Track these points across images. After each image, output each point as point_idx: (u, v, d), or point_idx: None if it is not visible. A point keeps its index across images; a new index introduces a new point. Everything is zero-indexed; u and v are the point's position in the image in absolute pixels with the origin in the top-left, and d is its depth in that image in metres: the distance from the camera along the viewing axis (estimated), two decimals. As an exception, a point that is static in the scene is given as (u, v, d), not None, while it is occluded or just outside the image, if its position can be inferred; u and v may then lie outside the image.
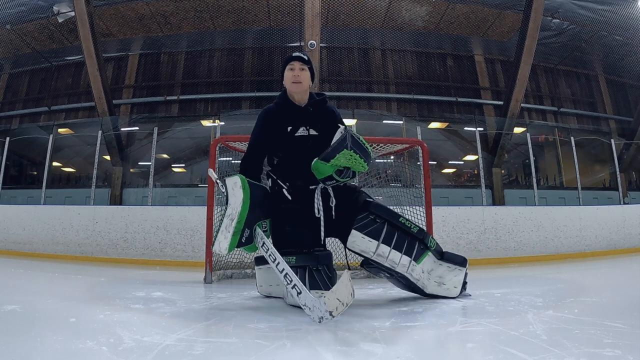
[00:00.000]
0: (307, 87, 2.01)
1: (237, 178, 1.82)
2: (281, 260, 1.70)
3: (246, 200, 1.77)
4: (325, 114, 2.04)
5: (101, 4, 7.66)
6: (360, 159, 1.80)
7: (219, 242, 1.77)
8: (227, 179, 1.86)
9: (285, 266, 1.67)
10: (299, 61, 2.00)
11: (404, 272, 1.87)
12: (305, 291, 1.58)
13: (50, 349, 1.11)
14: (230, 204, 1.81)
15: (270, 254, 1.74)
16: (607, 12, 7.71)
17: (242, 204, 1.76)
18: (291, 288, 1.62)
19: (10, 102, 9.12)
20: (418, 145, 3.68)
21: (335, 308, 1.49)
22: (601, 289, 2.59)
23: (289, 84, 2.00)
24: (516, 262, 5.04)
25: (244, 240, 1.76)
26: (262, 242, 1.78)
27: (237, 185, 1.81)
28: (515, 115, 7.35)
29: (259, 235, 1.80)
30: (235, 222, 1.74)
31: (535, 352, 1.05)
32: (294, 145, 1.97)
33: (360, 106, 8.61)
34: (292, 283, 1.63)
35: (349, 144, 1.78)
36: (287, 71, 2.01)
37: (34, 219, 5.50)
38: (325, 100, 2.08)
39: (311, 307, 1.53)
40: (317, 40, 6.61)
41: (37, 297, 2.12)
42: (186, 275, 3.70)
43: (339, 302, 1.51)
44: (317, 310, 1.50)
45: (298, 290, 1.60)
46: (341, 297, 1.52)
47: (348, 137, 1.80)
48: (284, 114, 2.01)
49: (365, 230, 1.81)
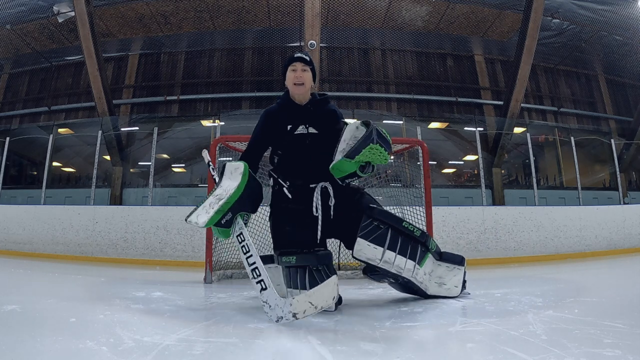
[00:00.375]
0: (308, 87, 2.02)
1: (241, 164, 1.83)
2: (254, 254, 1.68)
3: (241, 187, 1.77)
4: (325, 113, 2.04)
5: (101, 4, 7.66)
6: (384, 151, 1.76)
7: (197, 214, 1.75)
8: (229, 163, 1.87)
9: (257, 260, 1.66)
10: (301, 62, 2.00)
11: (409, 276, 1.87)
12: (271, 289, 1.58)
13: (50, 349, 1.11)
14: (222, 185, 1.81)
15: (244, 245, 1.71)
16: (607, 12, 7.71)
17: (236, 188, 1.76)
18: (256, 283, 1.62)
19: (10, 102, 9.12)
20: (418, 145, 3.68)
21: (303, 311, 1.48)
22: (601, 289, 2.59)
23: (290, 85, 2.00)
24: (516, 262, 5.03)
25: (223, 222, 1.73)
26: (240, 232, 1.75)
27: (238, 170, 1.81)
28: (515, 115, 7.34)
29: (238, 224, 1.77)
30: (222, 202, 1.73)
31: (535, 352, 1.05)
32: (293, 143, 1.97)
33: (360, 106, 8.61)
34: (258, 278, 1.62)
35: (374, 138, 1.74)
36: (289, 72, 2.00)
37: (34, 219, 5.50)
38: (327, 100, 2.07)
39: (272, 305, 1.54)
40: (317, 40, 6.61)
41: (37, 297, 2.12)
42: (186, 275, 3.70)
43: (311, 305, 1.49)
44: (278, 310, 1.51)
45: (263, 287, 1.59)
46: (316, 300, 1.50)
47: (374, 131, 1.77)
48: (285, 113, 2.02)
49: (371, 238, 1.80)
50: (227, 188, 1.78)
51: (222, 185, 1.82)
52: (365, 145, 1.72)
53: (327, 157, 1.84)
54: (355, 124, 1.84)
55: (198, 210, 1.76)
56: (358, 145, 1.73)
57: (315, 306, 1.50)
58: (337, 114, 2.06)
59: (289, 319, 1.48)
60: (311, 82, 2.03)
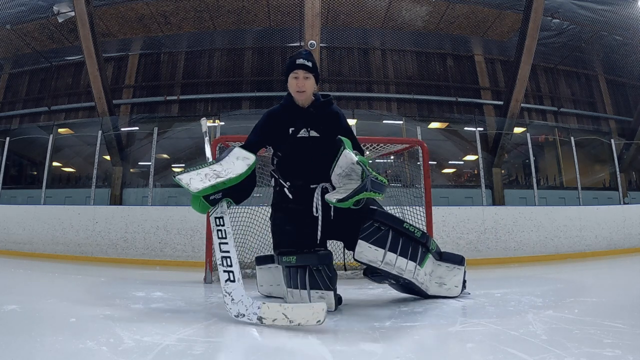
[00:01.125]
0: (310, 93, 2.02)
1: (253, 156, 1.83)
2: (230, 242, 1.67)
3: (243, 176, 1.76)
4: (327, 116, 2.03)
5: (101, 4, 7.66)
6: (377, 195, 1.76)
7: (190, 177, 1.70)
8: (239, 149, 1.86)
9: (232, 250, 1.65)
10: (303, 69, 1.98)
11: (410, 277, 1.87)
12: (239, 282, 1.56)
13: (50, 349, 1.11)
14: (223, 164, 1.79)
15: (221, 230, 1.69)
16: (607, 12, 7.71)
17: (239, 175, 1.75)
18: (223, 271, 1.60)
19: (10, 102, 9.12)
20: (418, 145, 3.68)
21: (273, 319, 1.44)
22: (601, 289, 2.59)
23: (293, 92, 2.00)
24: (516, 262, 5.03)
25: (211, 198, 1.72)
26: (221, 215, 1.73)
27: (247, 160, 1.81)
28: (515, 115, 7.34)
29: (222, 207, 1.75)
30: (221, 179, 1.70)
31: (535, 352, 1.05)
32: (294, 146, 1.97)
33: (360, 106, 8.61)
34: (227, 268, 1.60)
35: (369, 188, 1.71)
36: (291, 78, 1.99)
37: (34, 219, 5.50)
38: (329, 102, 2.07)
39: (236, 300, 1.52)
40: (317, 40, 6.61)
41: (37, 297, 2.12)
42: (186, 275, 3.70)
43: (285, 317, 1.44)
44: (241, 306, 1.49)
45: (231, 278, 1.57)
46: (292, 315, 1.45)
47: (368, 183, 1.72)
48: (287, 115, 2.02)
49: (372, 240, 1.80)
50: (228, 169, 1.76)
51: (222, 164, 1.80)
52: (359, 193, 1.70)
53: (328, 159, 1.84)
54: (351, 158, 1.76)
55: (191, 174, 1.72)
56: (352, 193, 1.70)
57: (289, 320, 1.44)
58: (339, 116, 2.06)
59: (252, 320, 1.46)
60: (313, 88, 2.03)
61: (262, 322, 1.46)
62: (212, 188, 1.68)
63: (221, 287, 1.60)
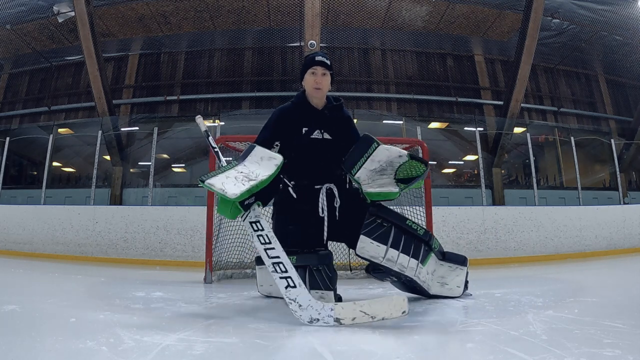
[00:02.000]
0: (326, 92, 2.04)
1: (279, 157, 1.76)
2: (277, 246, 1.59)
3: (271, 178, 1.68)
4: (340, 120, 2.07)
5: (101, 4, 7.66)
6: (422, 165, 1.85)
7: (222, 181, 1.58)
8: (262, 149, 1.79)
9: (282, 254, 1.58)
10: (322, 66, 2.00)
11: (412, 275, 1.86)
12: (301, 287, 1.50)
13: (50, 349, 1.11)
14: (247, 165, 1.70)
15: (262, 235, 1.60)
16: (607, 12, 7.71)
17: (268, 177, 1.66)
18: (280, 278, 1.51)
19: (10, 102, 9.12)
20: (418, 145, 3.69)
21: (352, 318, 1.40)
22: (601, 289, 2.59)
23: (310, 88, 2.01)
24: (516, 262, 5.03)
25: (246, 203, 1.63)
26: (257, 219, 1.63)
27: (274, 161, 1.73)
28: (515, 115, 7.34)
29: (255, 211, 1.66)
30: (254, 182, 1.61)
31: (535, 352, 1.05)
32: (307, 147, 1.98)
33: (360, 106, 8.62)
34: (284, 274, 1.51)
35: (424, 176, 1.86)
36: (309, 75, 2.00)
37: (34, 219, 5.50)
38: (341, 106, 2.10)
39: (304, 305, 1.45)
40: (317, 40, 6.61)
41: (37, 297, 2.12)
42: (186, 275, 3.70)
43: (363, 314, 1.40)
44: (313, 311, 1.43)
45: (291, 284, 1.50)
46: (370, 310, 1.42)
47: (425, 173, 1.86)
48: (301, 114, 2.02)
49: (374, 235, 1.79)
50: (256, 171, 1.67)
51: (246, 165, 1.70)
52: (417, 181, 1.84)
53: (336, 162, 1.91)
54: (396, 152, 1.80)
55: (221, 178, 1.59)
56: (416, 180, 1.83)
57: (371, 316, 1.41)
58: (350, 120, 2.11)
59: (330, 323, 1.39)
60: (329, 87, 2.05)
61: (341, 323, 1.40)
62: (248, 192, 1.58)
63: (283, 296, 1.51)
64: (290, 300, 1.48)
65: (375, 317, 1.43)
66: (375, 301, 1.48)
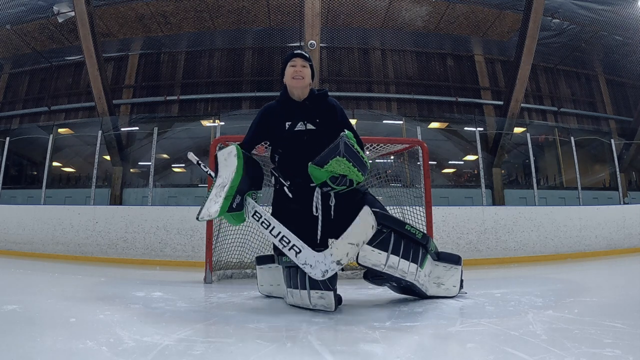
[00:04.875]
0: (307, 82, 2.02)
1: (233, 147, 1.84)
2: (276, 224, 1.69)
3: (239, 168, 1.77)
4: (324, 108, 2.02)
5: (101, 4, 7.67)
6: (353, 167, 1.74)
7: (207, 208, 1.74)
8: (220, 152, 1.88)
9: (282, 228, 1.68)
10: (301, 58, 2.02)
11: (412, 280, 1.85)
12: (306, 249, 1.58)
13: (50, 349, 1.11)
14: (221, 174, 1.81)
15: (263, 221, 1.72)
16: (607, 12, 7.71)
17: (236, 171, 1.76)
18: (289, 250, 1.62)
19: (10, 102, 9.12)
20: (418, 145, 3.68)
21: (346, 254, 1.49)
22: (601, 289, 2.59)
23: (289, 79, 2.00)
24: (516, 262, 5.03)
25: (234, 206, 1.74)
26: (254, 210, 1.76)
27: (231, 154, 1.81)
28: (515, 115, 7.35)
29: (250, 204, 1.78)
30: (227, 187, 1.73)
31: (535, 352, 1.05)
32: (292, 140, 1.97)
33: (360, 106, 8.62)
34: (290, 244, 1.62)
35: (341, 151, 1.73)
36: (288, 68, 2.02)
37: (34, 219, 5.50)
38: (325, 94, 2.06)
39: (313, 264, 1.53)
40: (317, 40, 6.61)
41: (37, 297, 2.12)
42: (186, 275, 3.70)
43: (352, 245, 1.49)
44: (321, 265, 1.51)
45: (297, 250, 1.59)
46: (354, 238, 1.50)
47: (341, 144, 1.75)
48: (283, 110, 2.02)
49: (374, 243, 1.76)
50: (226, 175, 1.78)
51: (221, 174, 1.82)
52: (332, 156, 1.72)
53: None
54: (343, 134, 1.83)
55: (206, 204, 1.76)
56: (324, 155, 1.74)
57: (355, 244, 1.50)
58: (336, 108, 2.04)
59: (334, 268, 1.48)
60: (310, 79, 2.04)
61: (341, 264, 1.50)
62: (226, 200, 1.72)
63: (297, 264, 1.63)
64: (303, 264, 1.59)
65: (359, 244, 1.53)
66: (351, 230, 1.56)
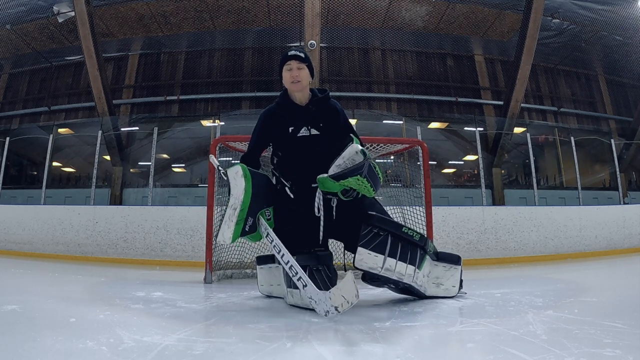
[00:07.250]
0: (306, 84, 2.00)
1: (239, 167, 1.82)
2: (286, 252, 1.70)
3: (248, 189, 1.77)
4: (327, 112, 2.01)
5: (101, 4, 7.67)
6: (370, 187, 1.78)
7: (222, 232, 1.77)
8: (229, 169, 1.86)
9: (290, 258, 1.68)
10: (296, 60, 1.97)
11: (410, 281, 1.85)
12: (310, 284, 1.58)
13: (50, 349, 1.11)
14: (233, 193, 1.81)
15: (275, 245, 1.74)
16: (607, 12, 7.71)
17: (244, 192, 1.76)
18: (297, 280, 1.62)
19: (10, 102, 9.12)
20: (418, 145, 3.68)
21: (341, 304, 1.49)
22: (601, 289, 2.59)
23: (288, 84, 1.98)
24: (516, 262, 5.03)
25: (247, 229, 1.76)
26: (267, 232, 1.79)
27: (238, 174, 1.81)
28: (515, 115, 7.35)
29: (262, 225, 1.81)
30: (238, 211, 1.74)
31: (535, 352, 1.05)
32: (295, 146, 1.96)
33: (360, 106, 8.62)
34: (297, 275, 1.63)
35: (364, 172, 1.76)
36: (285, 71, 1.98)
37: (34, 219, 5.50)
38: (327, 97, 2.04)
39: (317, 300, 1.53)
40: (317, 40, 6.61)
41: (37, 297, 2.12)
42: (186, 275, 3.70)
43: (344, 299, 1.50)
44: (323, 305, 1.50)
45: (304, 283, 1.59)
46: (346, 295, 1.51)
47: (365, 165, 1.78)
48: (285, 114, 2.00)
49: (371, 246, 1.78)
50: (236, 195, 1.79)
51: (232, 194, 1.81)
52: (353, 175, 1.75)
53: (328, 157, 1.85)
54: (358, 147, 1.85)
55: (222, 228, 1.78)
56: (346, 173, 1.76)
57: (347, 300, 1.50)
58: (338, 112, 2.04)
59: (334, 312, 1.48)
60: (309, 79, 2.01)
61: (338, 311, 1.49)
62: (238, 225, 1.74)
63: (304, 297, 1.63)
64: (310, 299, 1.58)
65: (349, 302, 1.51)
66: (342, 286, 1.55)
